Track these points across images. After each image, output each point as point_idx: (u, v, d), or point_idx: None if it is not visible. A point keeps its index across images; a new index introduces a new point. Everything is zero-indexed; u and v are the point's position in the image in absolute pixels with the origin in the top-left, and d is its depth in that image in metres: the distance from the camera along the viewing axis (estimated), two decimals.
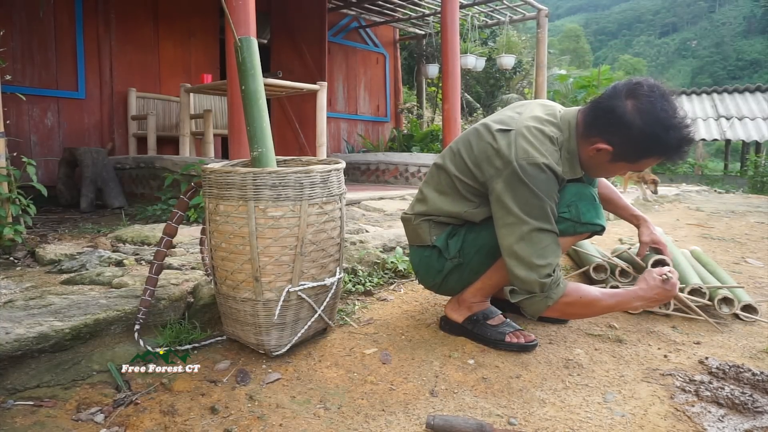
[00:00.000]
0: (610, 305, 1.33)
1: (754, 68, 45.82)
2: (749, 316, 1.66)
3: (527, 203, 1.25)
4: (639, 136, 1.21)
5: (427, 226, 1.47)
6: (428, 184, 1.49)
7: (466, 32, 7.14)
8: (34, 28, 4.22)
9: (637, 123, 1.21)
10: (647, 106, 1.20)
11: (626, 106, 1.22)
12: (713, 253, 2.64)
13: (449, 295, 1.56)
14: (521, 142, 1.27)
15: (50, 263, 1.95)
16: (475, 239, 1.41)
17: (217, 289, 1.39)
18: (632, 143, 1.24)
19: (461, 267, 1.44)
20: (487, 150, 1.32)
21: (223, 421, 1.06)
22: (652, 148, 1.23)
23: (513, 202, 1.25)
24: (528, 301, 1.29)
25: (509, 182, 1.26)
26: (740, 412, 1.11)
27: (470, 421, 1.03)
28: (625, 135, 1.23)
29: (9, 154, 2.05)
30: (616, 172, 1.37)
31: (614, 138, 1.25)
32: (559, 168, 1.27)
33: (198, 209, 2.65)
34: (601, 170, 1.36)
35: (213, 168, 1.32)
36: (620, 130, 1.23)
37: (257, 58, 1.39)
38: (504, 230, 1.28)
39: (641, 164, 1.29)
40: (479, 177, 1.34)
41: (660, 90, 1.22)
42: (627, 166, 1.31)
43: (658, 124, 1.19)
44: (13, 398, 1.09)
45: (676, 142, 1.21)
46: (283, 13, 5.94)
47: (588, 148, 1.31)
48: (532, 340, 1.43)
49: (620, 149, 1.26)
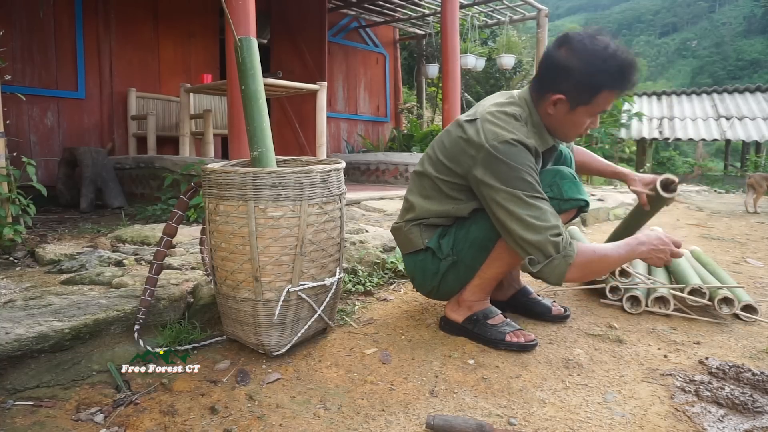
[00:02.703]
0: (621, 255, 1.34)
1: (754, 68, 45.80)
2: (749, 316, 1.66)
3: (510, 178, 1.28)
4: (582, 75, 1.28)
5: (418, 230, 1.49)
6: (412, 192, 1.53)
7: (466, 32, 7.14)
8: (34, 28, 4.21)
9: (575, 64, 1.29)
10: (579, 47, 1.29)
11: (561, 54, 1.32)
12: (713, 253, 2.64)
13: (447, 298, 1.56)
14: (488, 125, 1.33)
15: (50, 263, 1.95)
16: (466, 234, 1.43)
17: (217, 289, 1.39)
18: (579, 84, 1.30)
19: (456, 265, 1.45)
20: (459, 142, 1.38)
21: (223, 421, 1.06)
22: (597, 82, 1.29)
23: (497, 180, 1.29)
24: (548, 266, 1.27)
25: (487, 164, 1.30)
26: (740, 412, 1.11)
27: (470, 421, 1.03)
28: (570, 79, 1.30)
29: (9, 154, 2.05)
30: (581, 121, 1.37)
31: (562, 85, 1.32)
32: (530, 141, 1.32)
33: (198, 209, 2.65)
34: (567, 125, 1.39)
35: (213, 168, 1.32)
36: (564, 75, 1.31)
37: (257, 58, 1.39)
38: (499, 209, 1.30)
39: (598, 103, 1.32)
40: (459, 171, 1.38)
41: (587, 32, 1.32)
42: (586, 110, 1.34)
43: (594, 57, 1.27)
44: (12, 398, 1.09)
45: (616, 69, 1.28)
46: (283, 13, 5.94)
47: (546, 107, 1.37)
48: (532, 340, 1.43)
49: (572, 94, 1.32)
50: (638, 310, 1.73)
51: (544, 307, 1.67)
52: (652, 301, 1.74)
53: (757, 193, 4.48)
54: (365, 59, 7.39)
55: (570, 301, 1.88)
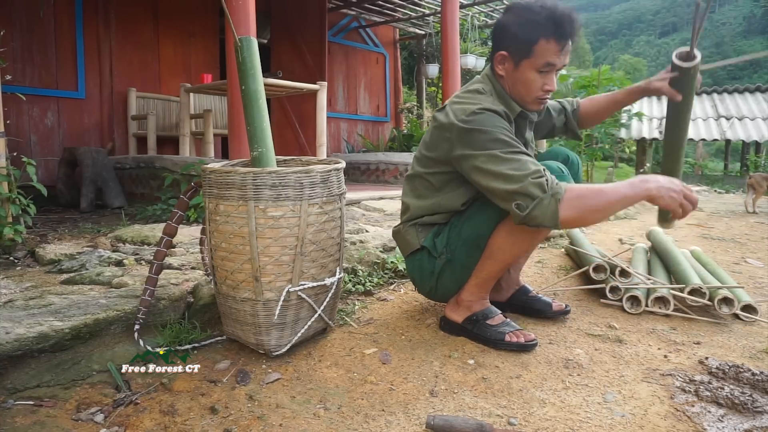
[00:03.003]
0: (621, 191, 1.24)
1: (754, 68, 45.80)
2: (749, 316, 1.66)
3: (484, 141, 1.31)
4: (517, 28, 1.35)
5: (414, 230, 1.52)
6: (406, 195, 1.57)
7: (466, 32, 7.14)
8: (34, 28, 4.22)
9: (512, 19, 1.37)
10: (517, 7, 1.39)
11: (504, 16, 1.42)
12: (713, 253, 2.64)
13: (445, 299, 1.56)
14: (455, 106, 1.39)
15: (50, 263, 1.95)
16: (458, 232, 1.44)
17: (217, 289, 1.39)
18: (516, 37, 1.36)
19: (451, 263, 1.46)
20: (435, 132, 1.44)
21: (223, 421, 1.06)
22: (532, 31, 1.33)
23: (473, 149, 1.32)
24: (538, 208, 1.22)
25: (461, 139, 1.34)
26: (740, 412, 1.11)
27: (470, 421, 1.03)
28: (508, 34, 1.38)
29: (9, 153, 2.05)
30: (529, 77, 1.38)
31: (504, 42, 1.39)
32: (497, 107, 1.36)
33: (198, 209, 2.65)
34: (518, 85, 1.41)
35: (213, 168, 1.32)
36: (504, 33, 1.39)
37: (257, 58, 1.39)
38: (480, 174, 1.31)
39: (537, 54, 1.34)
40: (441, 157, 1.42)
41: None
42: (530, 63, 1.36)
43: (527, 11, 1.35)
44: (13, 398, 1.09)
45: (547, 17, 1.32)
46: (283, 13, 5.94)
47: (497, 70, 1.43)
48: (532, 339, 1.43)
49: (512, 49, 1.38)
50: (638, 310, 1.73)
51: (545, 303, 1.68)
52: (652, 301, 1.74)
53: (757, 193, 4.48)
54: (365, 59, 7.40)
55: (570, 301, 1.88)
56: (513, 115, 1.43)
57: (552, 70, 1.37)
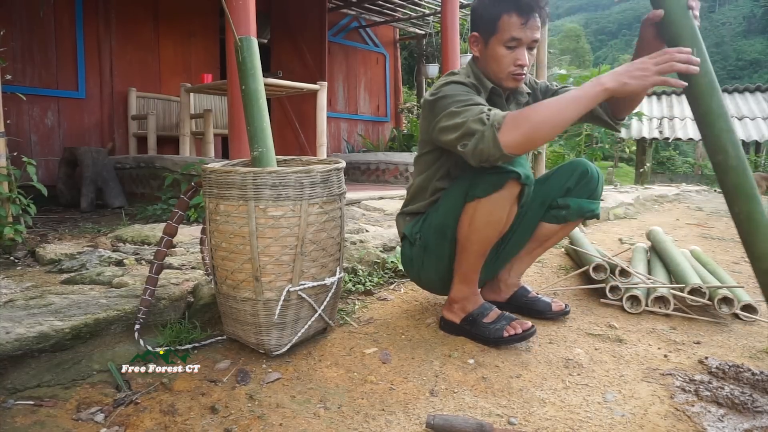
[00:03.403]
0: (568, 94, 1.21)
1: (754, 68, 45.80)
2: (749, 315, 1.66)
3: (446, 105, 1.36)
4: (482, 8, 1.41)
5: (402, 219, 1.63)
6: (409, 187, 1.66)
7: (466, 32, 7.14)
8: (34, 28, 4.22)
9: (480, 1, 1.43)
10: None
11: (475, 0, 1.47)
12: (713, 253, 2.64)
13: (432, 288, 1.65)
14: (431, 88, 1.47)
15: (50, 263, 1.95)
16: (430, 221, 1.51)
17: (218, 289, 1.39)
18: (482, 16, 1.41)
19: (426, 251, 1.52)
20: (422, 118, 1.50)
21: (223, 421, 1.07)
22: (494, 8, 1.37)
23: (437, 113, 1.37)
24: (480, 142, 1.22)
25: (431, 109, 1.40)
26: (740, 412, 1.11)
27: (470, 421, 1.03)
28: (476, 15, 1.44)
29: (9, 153, 2.05)
30: (499, 53, 1.40)
31: (475, 23, 1.45)
32: (465, 80, 1.42)
33: (198, 209, 2.66)
34: (490, 62, 1.44)
35: (213, 168, 1.32)
36: (474, 15, 1.45)
37: (257, 58, 1.39)
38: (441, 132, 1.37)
39: (502, 30, 1.37)
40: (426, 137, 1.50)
41: None
42: (497, 39, 1.39)
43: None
44: (13, 398, 1.09)
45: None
46: (283, 13, 5.94)
47: (474, 51, 1.48)
48: (530, 327, 1.43)
49: (481, 29, 1.43)
50: (638, 310, 1.73)
51: (545, 304, 1.67)
52: (652, 301, 1.74)
53: None
54: (365, 59, 7.39)
55: (570, 300, 1.88)
56: (484, 91, 1.46)
57: (519, 44, 1.39)
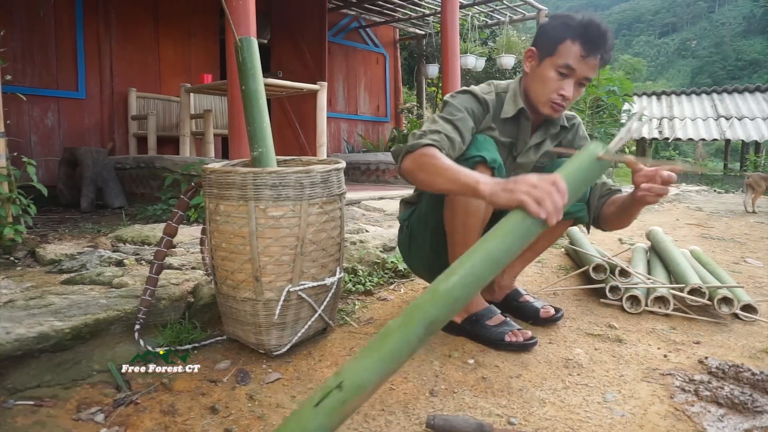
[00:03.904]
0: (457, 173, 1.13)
1: (754, 68, 45.81)
2: (749, 315, 1.66)
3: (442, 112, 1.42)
4: (550, 27, 1.40)
5: (403, 206, 1.68)
6: None
7: (466, 32, 7.14)
8: (34, 28, 4.22)
9: (551, 21, 1.42)
10: (562, 13, 1.42)
11: (547, 20, 1.48)
12: (713, 253, 2.64)
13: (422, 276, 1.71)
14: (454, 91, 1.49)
15: (50, 263, 1.95)
16: (418, 210, 1.56)
17: (218, 289, 1.39)
18: (546, 34, 1.40)
19: (412, 238, 1.58)
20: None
21: (224, 421, 1.07)
22: (561, 31, 1.36)
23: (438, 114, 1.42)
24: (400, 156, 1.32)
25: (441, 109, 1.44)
26: (740, 412, 1.11)
27: (470, 421, 1.03)
28: (542, 32, 1.44)
29: (9, 154, 2.05)
30: (548, 75, 1.39)
31: (537, 40, 1.44)
32: (484, 95, 1.45)
33: (198, 209, 2.66)
34: (536, 81, 1.42)
35: (213, 168, 1.32)
36: (540, 31, 1.46)
37: (257, 58, 1.39)
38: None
39: (559, 54, 1.36)
40: None
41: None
42: (551, 61, 1.38)
43: (566, 16, 1.38)
44: (13, 398, 1.09)
45: (578, 22, 1.35)
46: (283, 13, 5.94)
47: (526, 65, 1.46)
48: (531, 338, 1.43)
49: (540, 46, 1.41)
50: (638, 310, 1.73)
51: (533, 309, 1.64)
52: (651, 301, 1.74)
53: (756, 192, 4.48)
54: (365, 59, 7.40)
55: (570, 301, 1.89)
56: (510, 110, 1.46)
57: (570, 75, 1.36)
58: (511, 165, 1.52)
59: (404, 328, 0.83)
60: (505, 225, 0.95)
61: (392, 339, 0.82)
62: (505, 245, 0.90)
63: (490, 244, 0.90)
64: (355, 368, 0.79)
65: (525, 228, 0.94)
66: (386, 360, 0.81)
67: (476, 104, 1.44)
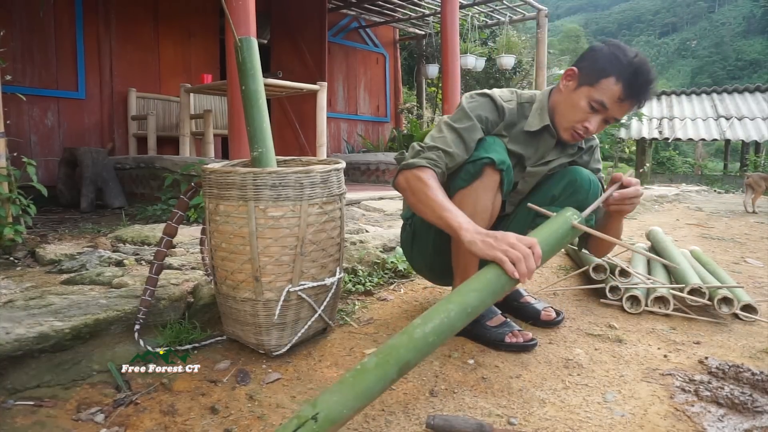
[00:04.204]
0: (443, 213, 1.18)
1: (754, 68, 45.85)
2: (749, 315, 1.66)
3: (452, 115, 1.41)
4: (600, 56, 1.35)
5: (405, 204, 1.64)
6: None
7: (466, 32, 7.15)
8: (34, 28, 4.22)
9: (605, 50, 1.36)
10: (618, 44, 1.37)
11: (602, 45, 1.40)
12: (713, 253, 2.64)
13: (423, 275, 1.68)
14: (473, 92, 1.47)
15: (50, 263, 1.95)
16: None
17: (217, 289, 1.39)
18: (593, 62, 1.35)
19: (415, 237, 1.56)
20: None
21: (223, 421, 1.07)
22: (608, 66, 1.32)
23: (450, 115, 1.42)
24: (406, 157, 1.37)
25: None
26: (740, 412, 1.11)
27: (470, 421, 1.03)
28: (590, 56, 1.38)
29: (9, 154, 2.05)
30: (579, 104, 1.35)
31: (582, 62, 1.39)
32: (504, 102, 1.42)
33: (198, 209, 2.66)
34: (567, 104, 1.39)
35: (213, 168, 1.32)
36: (588, 54, 1.40)
37: (257, 58, 1.39)
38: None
39: (599, 88, 1.33)
40: None
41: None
42: (588, 92, 1.34)
43: (620, 49, 1.33)
44: (13, 398, 1.09)
45: (628, 62, 1.31)
46: (283, 13, 5.94)
47: (561, 83, 1.42)
48: (531, 339, 1.43)
49: (584, 70, 1.37)
50: (638, 310, 1.73)
51: (534, 311, 1.63)
52: (651, 301, 1.74)
53: (756, 192, 4.48)
54: (365, 59, 7.40)
55: (570, 301, 1.89)
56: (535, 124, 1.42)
57: (602, 111, 1.34)
58: (520, 173, 1.47)
59: (379, 368, 0.89)
60: (481, 279, 1.05)
61: (368, 378, 0.88)
62: (479, 299, 1.01)
63: (466, 298, 1.00)
64: (331, 402, 0.84)
65: (500, 285, 1.04)
66: (360, 397, 0.86)
67: (492, 111, 1.41)
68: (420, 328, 0.94)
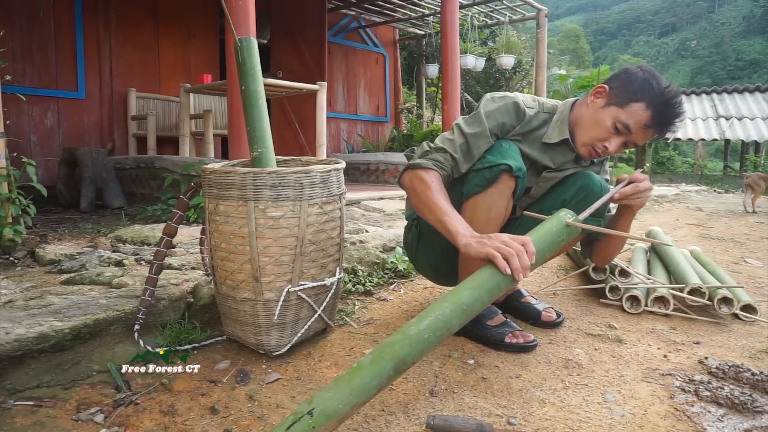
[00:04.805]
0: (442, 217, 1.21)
1: (754, 68, 45.86)
2: (749, 316, 1.66)
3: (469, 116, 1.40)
4: (634, 79, 1.34)
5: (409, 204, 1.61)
6: None
7: (465, 32, 7.15)
8: (34, 28, 4.22)
9: (641, 75, 1.35)
10: (655, 73, 1.35)
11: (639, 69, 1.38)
12: (713, 253, 2.64)
13: (427, 276, 1.67)
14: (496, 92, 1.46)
15: (50, 263, 1.95)
16: None
17: (217, 289, 1.39)
18: (626, 84, 1.34)
19: (421, 238, 1.55)
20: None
21: (223, 421, 1.07)
22: (642, 92, 1.31)
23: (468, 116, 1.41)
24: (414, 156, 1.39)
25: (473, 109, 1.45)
26: (740, 412, 1.11)
27: (470, 421, 1.03)
28: (623, 78, 1.37)
29: (9, 154, 2.05)
30: (604, 123, 1.35)
31: (614, 82, 1.38)
32: (526, 106, 1.40)
33: (198, 209, 2.66)
34: (590, 121, 1.38)
35: (213, 168, 1.32)
36: (622, 74, 1.39)
37: (257, 59, 1.39)
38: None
39: (628, 111, 1.32)
40: None
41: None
42: (614, 112, 1.34)
43: (655, 79, 1.33)
44: (13, 398, 1.09)
45: (660, 92, 1.31)
46: (283, 13, 5.94)
47: (589, 97, 1.41)
48: (532, 340, 1.43)
49: (615, 89, 1.36)
50: (638, 310, 1.73)
51: (534, 311, 1.63)
52: (651, 301, 1.74)
53: (755, 192, 4.48)
54: (365, 59, 7.40)
55: (570, 300, 1.89)
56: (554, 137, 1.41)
57: (624, 134, 1.34)
58: (533, 177, 1.48)
59: (375, 364, 0.89)
60: (476, 277, 1.05)
61: (363, 374, 0.88)
62: (474, 297, 1.01)
63: (462, 295, 1.00)
64: (326, 397, 0.84)
65: (494, 283, 1.04)
66: (356, 392, 0.86)
67: (511, 115, 1.39)
68: (415, 325, 0.95)
